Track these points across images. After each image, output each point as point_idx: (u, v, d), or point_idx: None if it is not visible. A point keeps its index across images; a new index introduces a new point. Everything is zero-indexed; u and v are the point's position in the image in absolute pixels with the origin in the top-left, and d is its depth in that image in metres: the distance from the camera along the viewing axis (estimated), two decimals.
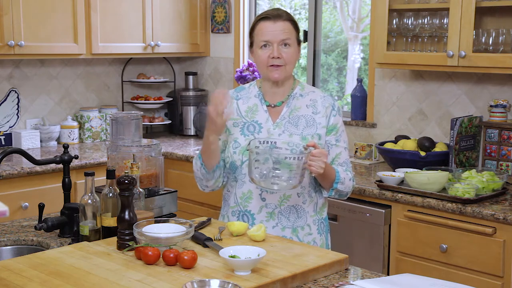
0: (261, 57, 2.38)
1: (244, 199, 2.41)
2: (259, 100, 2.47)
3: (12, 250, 2.33)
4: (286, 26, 2.36)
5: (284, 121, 2.42)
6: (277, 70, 2.37)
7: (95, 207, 2.22)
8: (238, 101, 2.49)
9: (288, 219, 2.39)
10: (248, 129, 2.43)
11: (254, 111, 2.45)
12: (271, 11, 2.41)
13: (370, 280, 1.89)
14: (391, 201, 3.18)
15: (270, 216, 2.39)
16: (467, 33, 3.23)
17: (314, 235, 2.44)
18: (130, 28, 4.47)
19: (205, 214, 4.01)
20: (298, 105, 2.44)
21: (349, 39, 4.55)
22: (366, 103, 4.13)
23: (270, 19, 2.37)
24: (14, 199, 3.62)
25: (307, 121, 2.41)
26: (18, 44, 3.90)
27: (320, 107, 2.43)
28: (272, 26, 2.36)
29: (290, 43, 2.36)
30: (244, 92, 2.51)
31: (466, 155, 3.46)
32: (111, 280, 1.80)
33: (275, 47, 2.35)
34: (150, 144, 2.51)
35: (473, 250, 2.90)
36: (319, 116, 2.42)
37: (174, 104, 5.00)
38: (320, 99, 2.45)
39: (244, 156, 2.38)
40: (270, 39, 2.35)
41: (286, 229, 2.38)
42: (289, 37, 2.36)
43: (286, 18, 2.38)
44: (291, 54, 2.37)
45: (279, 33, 2.35)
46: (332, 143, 2.43)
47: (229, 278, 1.82)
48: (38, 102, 4.47)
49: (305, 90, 2.48)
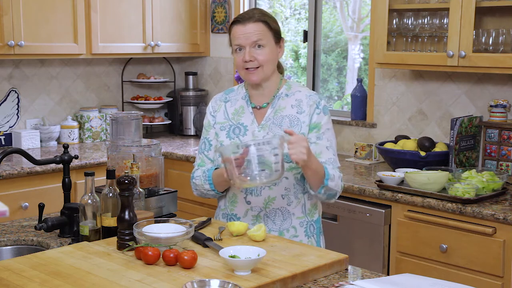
0: (236, 61, 2.37)
1: (230, 202, 2.43)
2: (245, 102, 2.45)
3: (12, 250, 2.33)
4: (257, 27, 2.31)
5: (269, 122, 2.39)
6: (253, 72, 2.34)
7: (95, 207, 2.22)
8: (226, 103, 2.48)
9: (274, 222, 2.38)
10: (233, 132, 2.41)
11: (240, 114, 2.44)
12: (243, 14, 2.37)
13: (370, 280, 1.89)
14: (391, 201, 3.18)
15: (256, 219, 2.38)
16: (467, 33, 3.23)
17: (301, 237, 2.40)
18: (130, 28, 4.47)
19: (205, 214, 4.01)
20: (283, 105, 2.40)
21: (349, 39, 4.55)
22: (366, 103, 4.13)
23: (240, 22, 2.33)
24: (14, 199, 3.62)
25: (291, 121, 2.37)
26: (18, 44, 3.90)
27: (305, 106, 2.38)
28: (242, 29, 2.32)
29: (263, 43, 2.32)
30: (233, 94, 2.50)
31: (466, 155, 3.46)
32: (111, 280, 1.81)
33: (247, 50, 2.32)
34: (150, 144, 2.51)
35: (473, 250, 2.90)
36: (303, 115, 2.37)
37: (174, 104, 5.00)
38: (305, 99, 2.40)
39: None
40: (241, 42, 2.32)
41: (272, 232, 2.37)
42: (260, 38, 2.31)
43: (257, 19, 2.32)
44: (265, 54, 2.32)
45: (250, 35, 2.31)
46: (312, 140, 2.35)
47: (229, 278, 1.82)
48: (38, 102, 4.47)
49: (291, 90, 2.43)
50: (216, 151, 2.22)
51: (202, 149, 2.49)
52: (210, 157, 2.47)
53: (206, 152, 2.47)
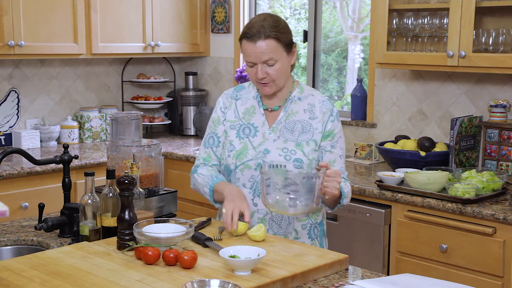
0: (250, 75, 2.36)
1: None
2: (257, 102, 2.45)
3: (12, 250, 2.33)
4: (267, 45, 2.27)
5: (280, 125, 2.39)
6: (265, 86, 2.34)
7: (95, 207, 2.22)
8: (237, 101, 2.47)
9: (279, 226, 2.38)
10: (243, 132, 2.41)
11: (251, 114, 2.43)
12: (252, 28, 2.29)
13: (370, 280, 1.89)
14: (391, 201, 3.18)
15: (261, 221, 2.38)
16: (467, 33, 3.23)
17: (303, 239, 2.41)
18: (130, 28, 4.47)
19: (205, 214, 4.01)
20: (296, 110, 2.40)
21: (349, 39, 4.55)
22: (366, 103, 4.13)
23: (249, 39, 2.29)
24: (14, 199, 3.62)
25: (303, 127, 2.38)
26: (18, 44, 3.90)
27: (318, 112, 2.39)
28: (253, 48, 2.28)
29: (275, 60, 2.29)
30: (244, 92, 2.49)
31: (466, 155, 3.46)
32: (111, 280, 1.80)
33: (259, 68, 2.30)
34: (150, 144, 2.51)
35: (473, 250, 2.90)
36: (316, 122, 2.38)
37: (174, 104, 5.00)
38: (318, 104, 2.40)
39: (238, 160, 2.37)
40: (253, 60, 2.31)
41: (277, 235, 2.36)
42: (271, 56, 2.28)
43: (266, 35, 2.26)
44: (277, 71, 2.31)
45: (260, 54, 2.28)
46: (326, 149, 2.38)
47: (229, 278, 1.82)
48: (38, 102, 4.47)
49: (304, 93, 2.44)
50: (262, 172, 2.15)
51: (209, 143, 2.47)
52: (217, 154, 2.46)
53: (215, 148, 2.46)
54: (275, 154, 2.34)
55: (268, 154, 2.35)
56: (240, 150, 2.38)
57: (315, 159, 2.36)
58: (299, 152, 2.34)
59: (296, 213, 2.14)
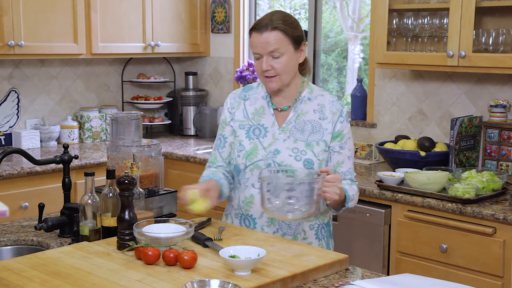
0: (256, 68, 2.36)
1: (246, 203, 2.40)
2: (266, 102, 2.43)
3: (12, 250, 2.33)
4: (274, 36, 2.27)
5: (290, 125, 2.38)
6: (271, 81, 2.33)
7: (95, 207, 2.22)
8: (245, 101, 2.46)
9: (289, 227, 2.37)
10: (253, 133, 2.40)
11: (260, 114, 2.42)
12: (261, 20, 2.32)
13: (370, 280, 1.89)
14: (391, 201, 3.18)
15: (271, 221, 2.37)
16: (467, 33, 3.23)
17: (311, 239, 2.40)
18: (130, 28, 4.47)
19: (205, 214, 4.01)
20: (305, 110, 2.39)
21: (349, 39, 4.55)
22: (366, 103, 4.13)
23: (258, 30, 2.29)
24: (14, 199, 3.62)
25: (313, 127, 2.37)
26: (18, 44, 3.90)
27: (328, 113, 2.38)
28: (259, 38, 2.28)
29: (280, 52, 2.29)
30: (252, 92, 2.48)
31: (466, 155, 3.46)
32: (111, 280, 1.81)
33: (264, 59, 2.29)
34: (150, 144, 2.51)
35: (473, 250, 2.90)
36: (326, 122, 2.37)
37: (174, 104, 5.00)
38: (328, 104, 2.39)
39: (248, 160, 2.37)
40: (258, 51, 2.30)
41: (286, 236, 2.37)
42: (277, 47, 2.28)
43: (273, 27, 2.27)
44: (283, 64, 2.30)
45: (266, 45, 2.27)
46: (335, 149, 2.38)
47: (229, 278, 1.82)
48: (38, 102, 4.47)
49: (313, 94, 2.42)
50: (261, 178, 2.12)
51: (217, 145, 2.49)
52: (223, 155, 2.46)
53: (221, 149, 2.46)
54: (285, 154, 2.34)
55: (278, 155, 2.34)
56: (250, 150, 2.37)
57: (325, 159, 2.36)
58: (310, 152, 2.33)
59: (294, 218, 2.14)
